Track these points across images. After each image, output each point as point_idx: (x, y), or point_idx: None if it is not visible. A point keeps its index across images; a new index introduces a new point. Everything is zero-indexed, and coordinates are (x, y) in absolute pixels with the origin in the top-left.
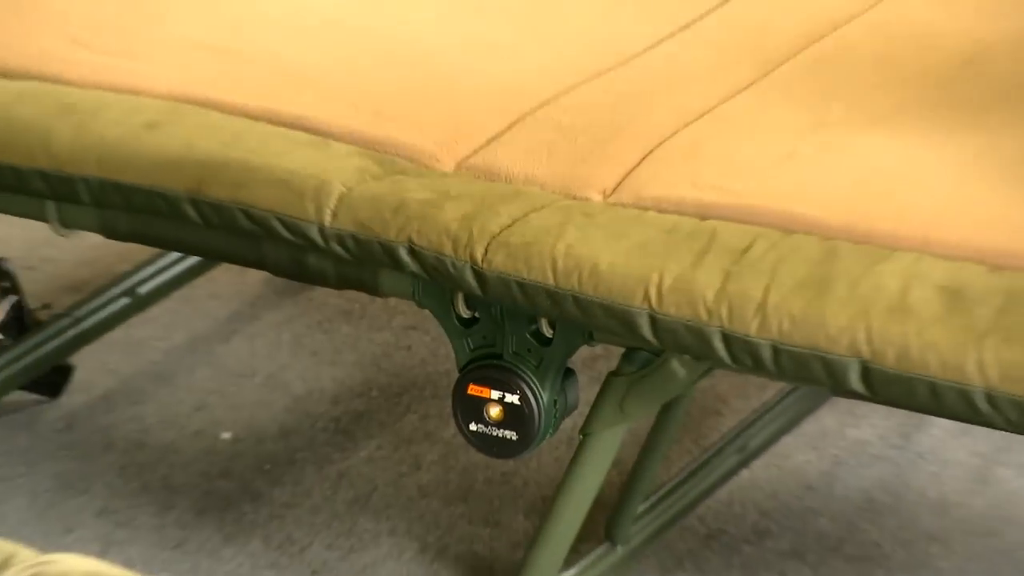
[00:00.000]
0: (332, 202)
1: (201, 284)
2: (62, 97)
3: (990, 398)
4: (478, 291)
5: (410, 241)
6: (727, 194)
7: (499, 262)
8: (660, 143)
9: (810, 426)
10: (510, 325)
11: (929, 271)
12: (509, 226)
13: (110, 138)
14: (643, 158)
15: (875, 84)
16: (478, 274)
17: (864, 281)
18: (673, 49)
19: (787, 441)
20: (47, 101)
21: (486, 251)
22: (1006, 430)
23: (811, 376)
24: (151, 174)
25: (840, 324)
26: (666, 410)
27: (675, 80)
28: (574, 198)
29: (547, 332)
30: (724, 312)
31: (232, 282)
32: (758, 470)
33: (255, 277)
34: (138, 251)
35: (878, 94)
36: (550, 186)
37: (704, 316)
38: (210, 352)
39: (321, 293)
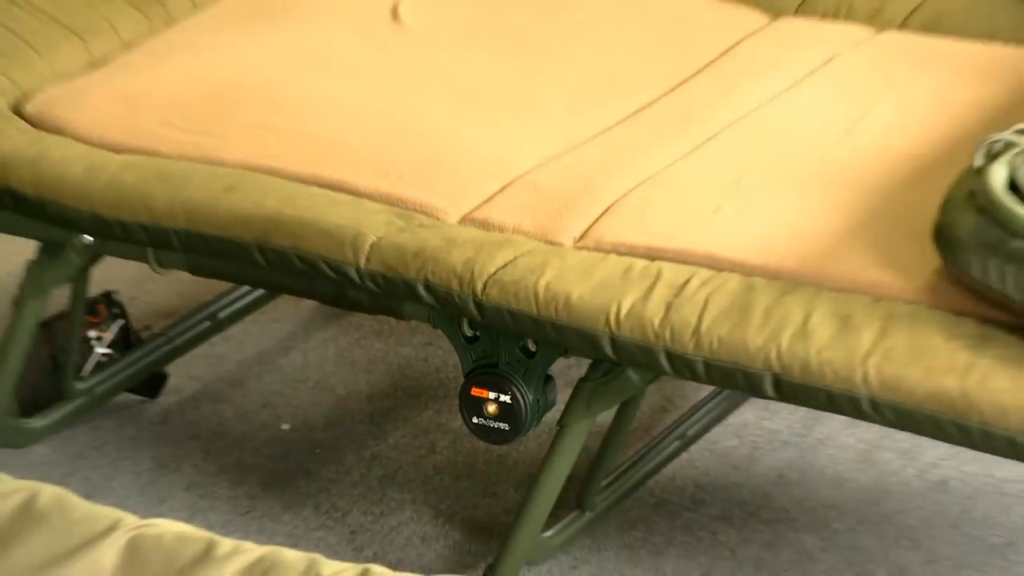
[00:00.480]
0: (366, 249)
1: (266, 310)
2: (158, 167)
3: (873, 403)
4: (479, 317)
5: (426, 280)
6: (669, 240)
7: (494, 296)
8: (616, 200)
9: (735, 419)
10: (503, 342)
11: (825, 302)
12: (502, 267)
13: (196, 199)
14: (603, 212)
15: (772, 154)
16: (478, 305)
17: (775, 311)
18: (625, 130)
19: (717, 431)
20: (147, 170)
21: (484, 287)
22: (885, 426)
23: (735, 384)
24: (228, 227)
25: (757, 345)
26: (623, 407)
27: (626, 153)
28: (551, 243)
29: (532, 347)
30: (667, 335)
31: (290, 309)
32: (695, 453)
33: (307, 305)
34: (217, 285)
35: (777, 162)
36: (532, 235)
37: (652, 338)
38: (273, 363)
39: (358, 317)
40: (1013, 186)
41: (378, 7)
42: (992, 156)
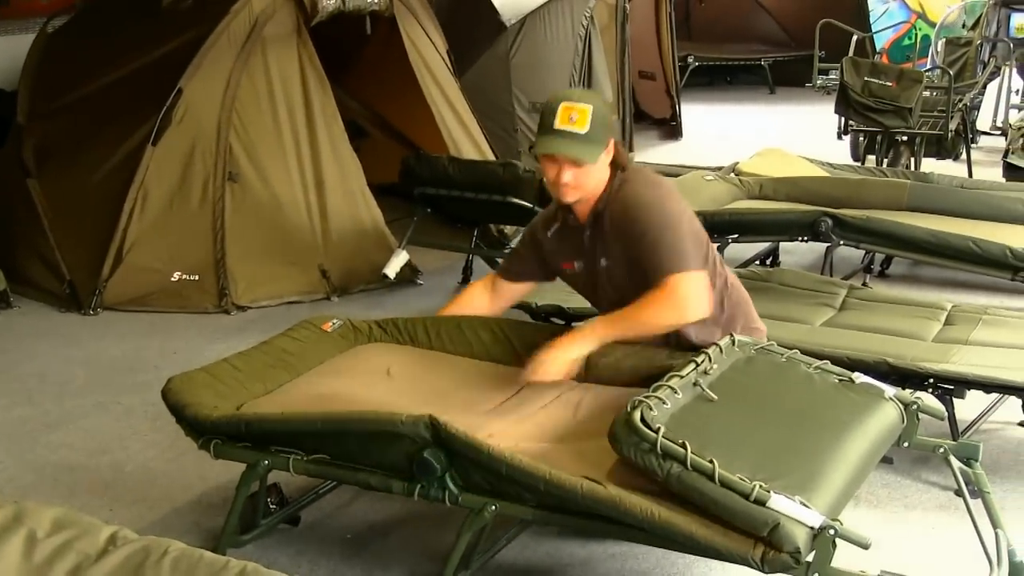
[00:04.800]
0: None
1: (337, 492)
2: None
3: (583, 499)
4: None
5: None
6: (508, 440)
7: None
8: (491, 435)
9: (531, 534)
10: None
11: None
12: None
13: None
14: (488, 437)
15: (549, 425)
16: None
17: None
18: (491, 414)
19: (520, 540)
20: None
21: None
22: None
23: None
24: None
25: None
26: (481, 529)
27: (488, 421)
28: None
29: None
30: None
31: (348, 490)
32: (510, 548)
33: (353, 490)
34: (318, 481)
35: (556, 427)
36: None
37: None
38: (343, 510)
39: (375, 496)
40: (642, 418)
41: (380, 369)
42: (634, 405)
